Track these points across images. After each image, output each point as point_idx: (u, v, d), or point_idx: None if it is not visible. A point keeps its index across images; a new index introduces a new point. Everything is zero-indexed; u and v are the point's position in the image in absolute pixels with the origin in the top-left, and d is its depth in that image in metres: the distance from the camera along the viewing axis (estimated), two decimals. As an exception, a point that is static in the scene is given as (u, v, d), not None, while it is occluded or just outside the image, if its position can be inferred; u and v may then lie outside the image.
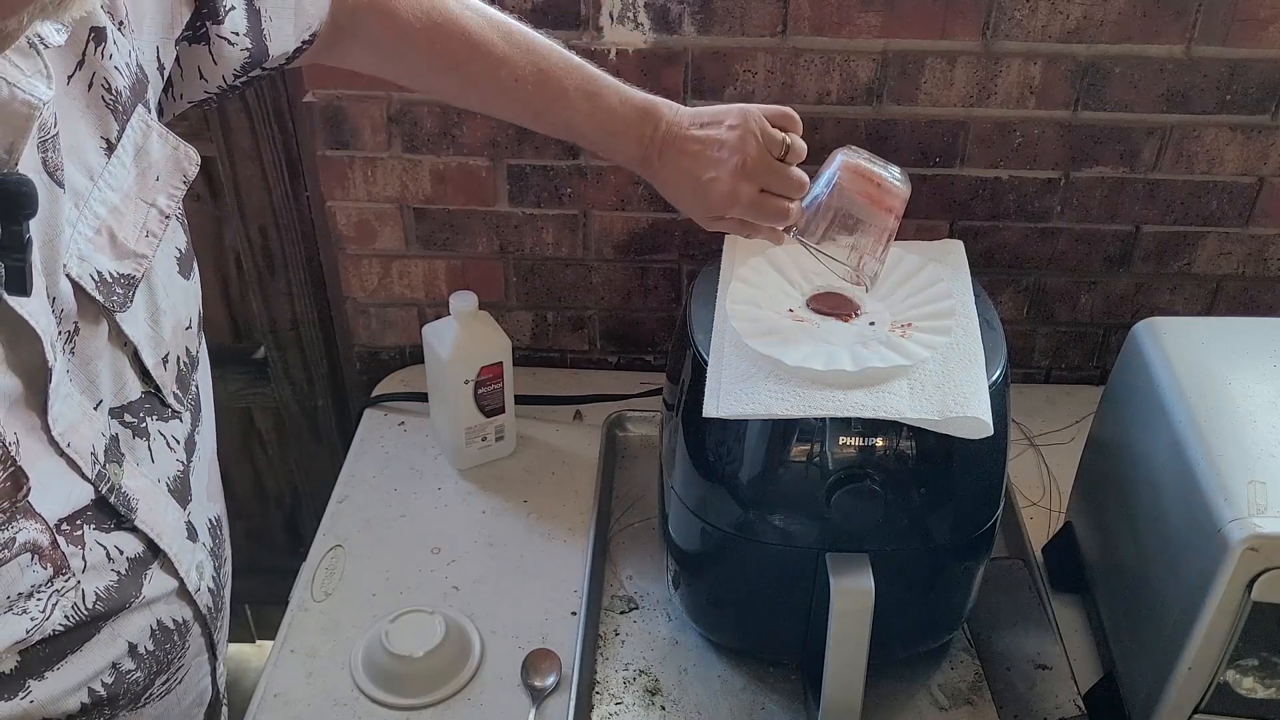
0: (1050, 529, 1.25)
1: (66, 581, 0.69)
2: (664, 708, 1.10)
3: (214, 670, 0.89)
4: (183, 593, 0.80)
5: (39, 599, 0.67)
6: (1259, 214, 1.39)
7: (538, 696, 1.09)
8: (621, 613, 1.19)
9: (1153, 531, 0.96)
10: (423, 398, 1.43)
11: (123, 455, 0.73)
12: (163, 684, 0.81)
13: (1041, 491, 1.33)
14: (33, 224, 0.61)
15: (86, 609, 0.71)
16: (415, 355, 1.55)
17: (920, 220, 1.41)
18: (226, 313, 1.67)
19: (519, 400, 1.38)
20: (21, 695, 0.69)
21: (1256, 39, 1.26)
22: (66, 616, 0.70)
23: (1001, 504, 1.04)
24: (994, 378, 0.96)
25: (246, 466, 1.82)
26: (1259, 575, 0.82)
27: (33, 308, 0.64)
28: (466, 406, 1.30)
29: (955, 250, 1.13)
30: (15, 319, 0.63)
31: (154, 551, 0.77)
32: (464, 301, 1.27)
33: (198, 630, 0.84)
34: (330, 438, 1.71)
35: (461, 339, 1.27)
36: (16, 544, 0.64)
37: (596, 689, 1.11)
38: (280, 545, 1.90)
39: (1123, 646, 1.04)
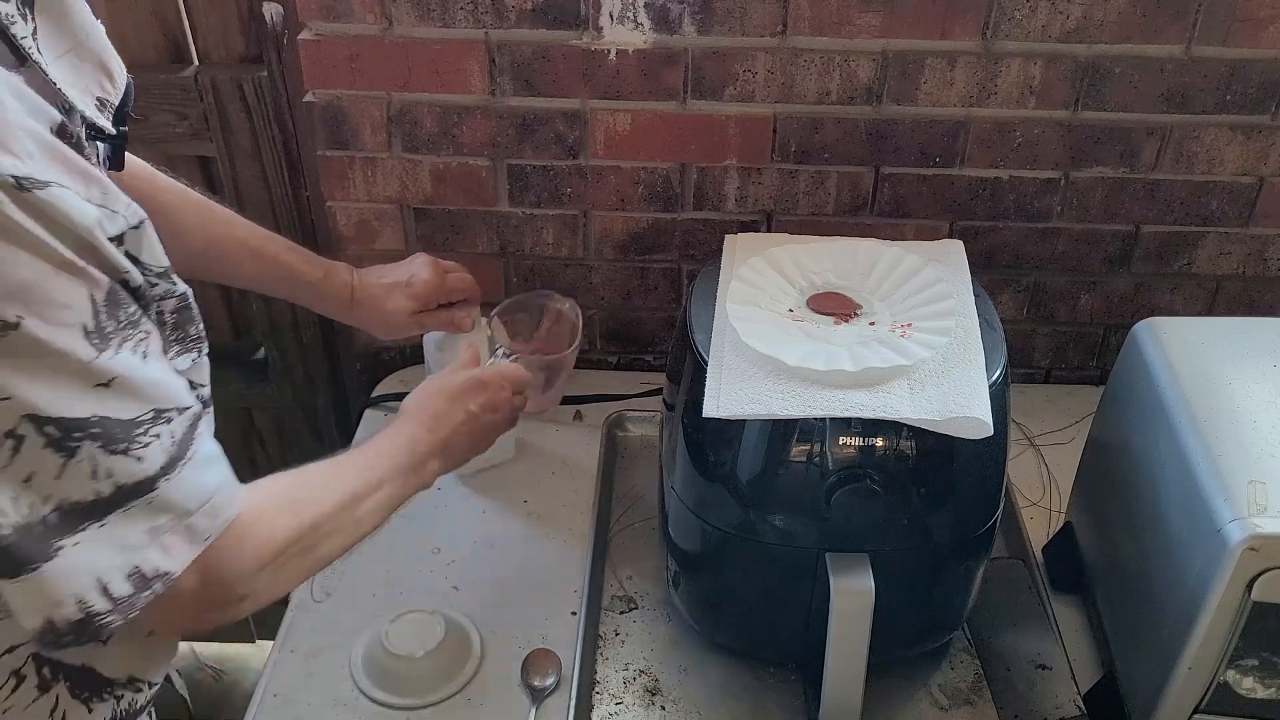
0: (1050, 529, 1.25)
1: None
2: (664, 708, 1.10)
3: None
4: None
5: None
6: (1259, 214, 1.39)
7: (538, 696, 1.09)
8: (621, 613, 1.19)
9: (1153, 531, 0.96)
10: (423, 398, 1.43)
11: None
12: None
13: (1041, 491, 1.33)
14: None
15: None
16: (415, 355, 1.55)
17: (920, 220, 1.41)
18: (226, 313, 1.67)
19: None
20: None
21: (1256, 39, 1.26)
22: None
23: (1001, 504, 1.03)
24: (994, 378, 0.96)
25: (246, 466, 1.80)
26: (1259, 575, 0.82)
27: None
28: None
29: (955, 250, 1.13)
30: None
31: None
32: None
33: None
34: (330, 438, 1.71)
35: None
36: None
37: (596, 689, 1.11)
38: (280, 545, 1.89)
39: (1123, 646, 1.04)
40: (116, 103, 0.77)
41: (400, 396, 1.48)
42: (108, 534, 0.66)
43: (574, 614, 1.17)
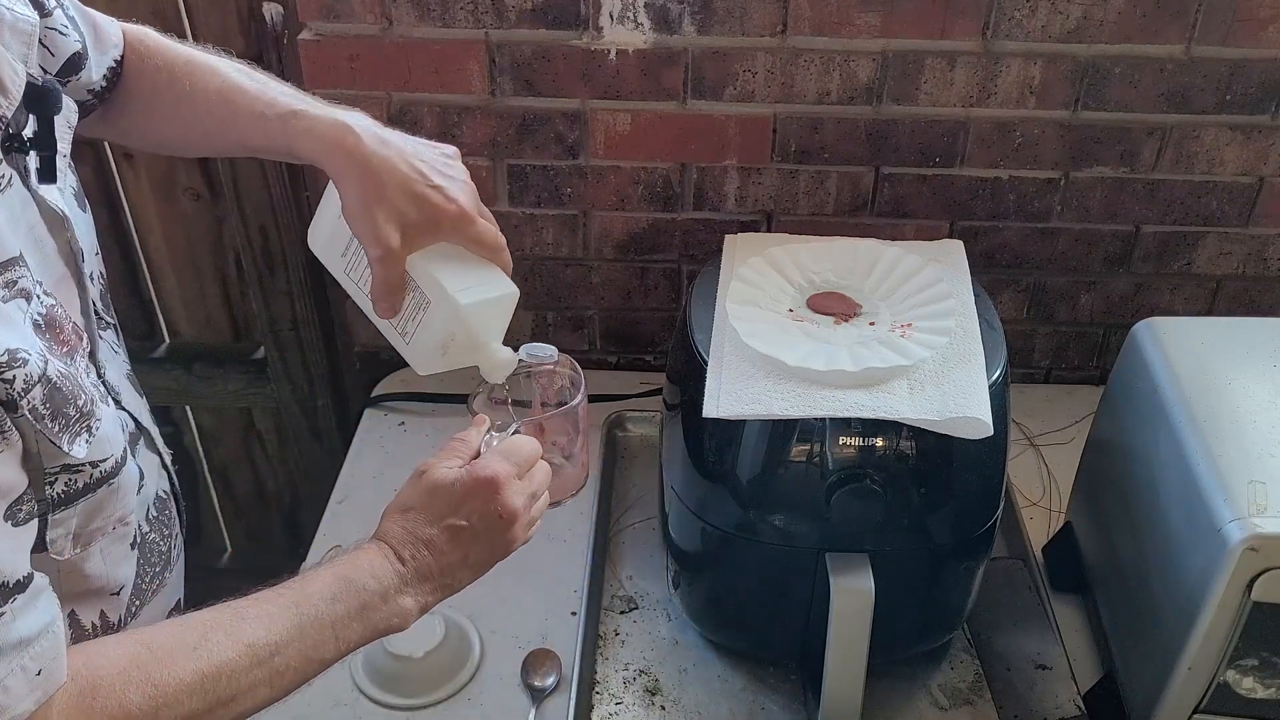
0: (1050, 529, 1.25)
1: (96, 421, 0.71)
2: (664, 708, 1.10)
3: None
4: (163, 466, 0.89)
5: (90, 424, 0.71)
6: (1259, 214, 1.39)
7: (538, 696, 1.09)
8: (621, 613, 1.19)
9: (1153, 531, 0.96)
10: (422, 398, 1.43)
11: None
12: (167, 575, 0.87)
13: (1041, 491, 1.33)
14: None
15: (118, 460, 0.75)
16: (415, 355, 1.55)
17: (920, 220, 1.41)
18: (226, 313, 1.67)
19: (517, 404, 1.38)
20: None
21: (1256, 39, 1.26)
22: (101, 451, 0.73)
23: (1001, 504, 1.03)
24: (994, 378, 0.96)
25: (246, 466, 1.82)
26: (1259, 575, 0.82)
27: (54, 198, 0.73)
28: None
29: (955, 250, 1.13)
30: (51, 209, 0.73)
31: (140, 431, 0.84)
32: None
33: (174, 508, 0.90)
34: (330, 438, 1.71)
35: None
36: (81, 369, 0.72)
37: (596, 689, 1.11)
38: (280, 545, 1.90)
39: (1123, 646, 1.04)
40: (9, 114, 0.67)
41: (400, 397, 1.49)
42: None
43: (574, 614, 1.17)
